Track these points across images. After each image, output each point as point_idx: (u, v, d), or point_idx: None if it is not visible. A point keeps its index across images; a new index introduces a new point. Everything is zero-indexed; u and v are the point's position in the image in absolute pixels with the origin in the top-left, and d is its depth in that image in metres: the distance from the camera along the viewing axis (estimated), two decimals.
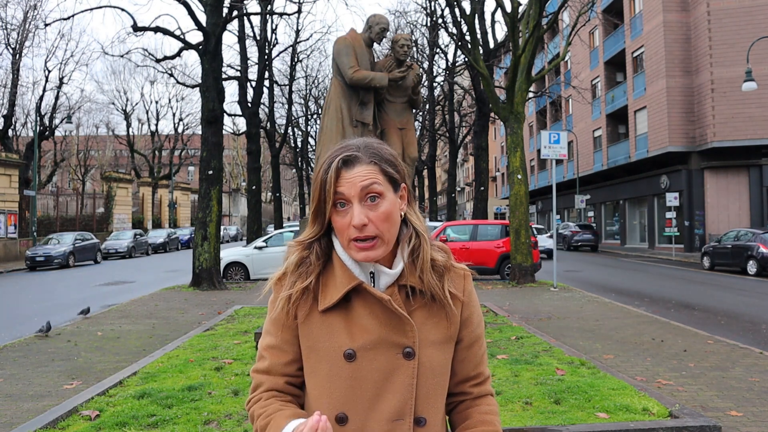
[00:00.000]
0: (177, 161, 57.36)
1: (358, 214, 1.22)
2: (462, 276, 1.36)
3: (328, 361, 1.25)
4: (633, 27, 32.58)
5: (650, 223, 32.72)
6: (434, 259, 1.30)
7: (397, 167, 1.29)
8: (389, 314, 1.25)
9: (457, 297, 1.32)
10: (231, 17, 16.61)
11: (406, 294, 1.28)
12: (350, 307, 1.27)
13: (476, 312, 1.37)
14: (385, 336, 1.25)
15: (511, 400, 4.92)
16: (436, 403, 1.28)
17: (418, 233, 1.31)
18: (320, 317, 1.28)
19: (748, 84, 19.75)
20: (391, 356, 1.25)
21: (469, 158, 63.10)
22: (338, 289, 1.27)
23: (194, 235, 14.86)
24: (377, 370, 1.24)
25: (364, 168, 1.24)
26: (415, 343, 1.25)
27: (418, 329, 1.26)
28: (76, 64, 61.01)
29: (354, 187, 1.23)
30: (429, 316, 1.29)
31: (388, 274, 1.28)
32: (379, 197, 1.24)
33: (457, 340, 1.34)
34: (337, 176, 1.23)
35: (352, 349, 1.24)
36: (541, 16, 15.16)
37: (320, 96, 39.32)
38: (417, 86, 7.66)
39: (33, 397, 5.58)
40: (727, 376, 6.08)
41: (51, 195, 38.96)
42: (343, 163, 1.24)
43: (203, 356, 6.68)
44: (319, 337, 1.27)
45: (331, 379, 1.25)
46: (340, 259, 1.30)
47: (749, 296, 13.35)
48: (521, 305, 11.14)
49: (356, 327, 1.26)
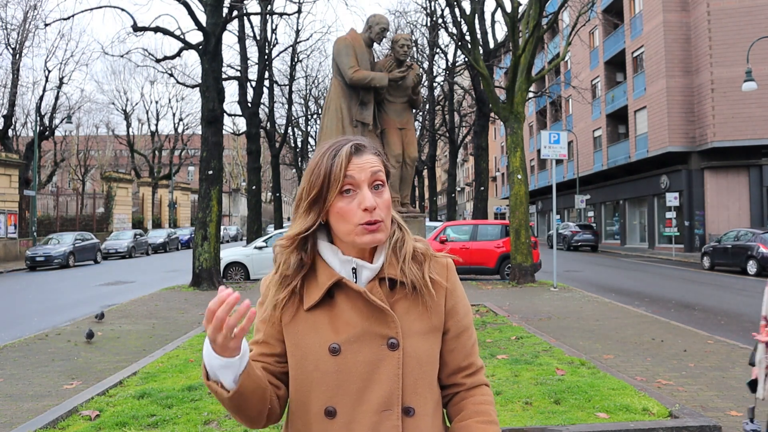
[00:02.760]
0: (177, 161, 57.33)
1: (370, 197, 1.25)
2: (444, 265, 1.37)
3: (313, 356, 1.27)
4: (633, 27, 32.58)
5: (650, 223, 32.73)
6: (415, 248, 1.35)
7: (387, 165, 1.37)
8: (371, 307, 1.27)
9: (439, 283, 1.34)
10: (231, 17, 16.60)
11: (388, 286, 1.30)
12: (334, 303, 1.29)
13: (462, 302, 1.38)
14: (368, 328, 1.26)
15: (511, 400, 4.92)
16: (424, 392, 1.29)
17: (401, 227, 1.36)
18: (305, 316, 1.30)
19: (748, 84, 19.76)
20: (376, 348, 1.26)
21: (469, 158, 63.12)
22: (320, 287, 1.29)
23: (194, 235, 14.86)
24: (363, 363, 1.25)
25: (372, 157, 1.30)
26: (398, 334, 1.26)
27: (401, 320, 1.28)
28: (76, 64, 61.21)
29: (365, 171, 1.27)
30: (412, 306, 1.30)
31: (369, 269, 1.30)
32: (382, 186, 1.29)
33: (445, 330, 1.35)
34: (348, 162, 1.27)
35: (337, 343, 1.26)
36: (541, 16, 15.16)
37: (320, 96, 39.32)
38: (417, 86, 7.67)
39: (33, 397, 5.58)
40: (727, 376, 6.09)
41: (51, 195, 38.94)
42: (356, 149, 1.29)
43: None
44: (304, 333, 1.29)
45: (318, 373, 1.26)
46: (322, 258, 1.32)
47: (749, 296, 13.34)
48: (521, 305, 11.14)
49: (340, 321, 1.27)
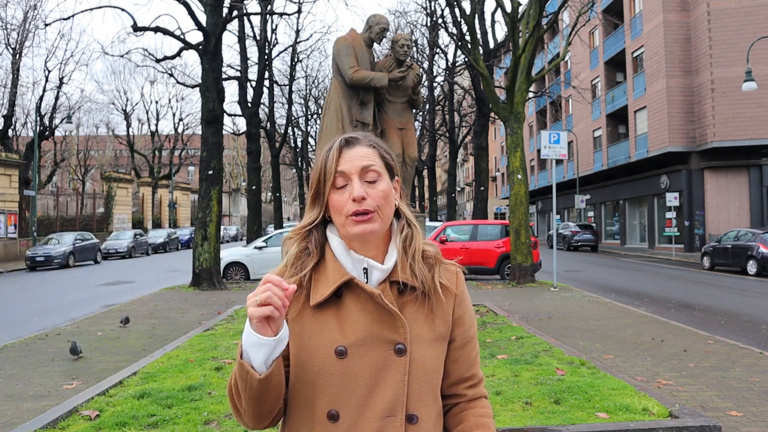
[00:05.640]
0: (177, 161, 57.30)
1: (357, 188, 1.25)
2: (454, 272, 1.37)
3: (319, 358, 1.25)
4: (633, 27, 32.57)
5: (650, 223, 32.72)
6: (424, 250, 1.34)
7: (393, 157, 1.36)
8: (380, 310, 1.25)
9: (449, 289, 1.33)
10: (231, 17, 16.59)
11: (398, 290, 1.29)
12: (341, 304, 1.27)
13: (469, 312, 1.37)
14: (377, 332, 1.25)
15: (511, 400, 4.91)
16: (428, 401, 1.28)
17: (410, 223, 1.35)
18: (311, 313, 1.28)
19: (748, 84, 19.76)
20: (383, 352, 1.24)
21: (469, 158, 63.12)
22: (329, 284, 1.27)
23: (194, 235, 14.86)
24: (369, 367, 1.23)
25: (365, 149, 1.31)
26: (407, 339, 1.25)
27: (410, 326, 1.26)
28: (76, 64, 61.35)
29: (354, 164, 1.28)
30: (421, 312, 1.29)
31: (380, 270, 1.29)
32: (378, 177, 1.28)
33: (451, 339, 1.34)
34: (338, 155, 1.28)
35: (344, 345, 1.24)
36: (541, 16, 15.15)
37: (320, 96, 39.29)
38: (417, 86, 7.67)
39: (33, 397, 5.58)
40: (727, 376, 6.08)
41: (51, 195, 38.94)
42: (346, 142, 1.31)
43: (203, 356, 6.68)
44: (310, 333, 1.27)
45: (323, 376, 1.24)
46: (334, 255, 1.30)
47: (749, 296, 13.35)
48: (521, 305, 11.13)
49: (347, 323, 1.25)
